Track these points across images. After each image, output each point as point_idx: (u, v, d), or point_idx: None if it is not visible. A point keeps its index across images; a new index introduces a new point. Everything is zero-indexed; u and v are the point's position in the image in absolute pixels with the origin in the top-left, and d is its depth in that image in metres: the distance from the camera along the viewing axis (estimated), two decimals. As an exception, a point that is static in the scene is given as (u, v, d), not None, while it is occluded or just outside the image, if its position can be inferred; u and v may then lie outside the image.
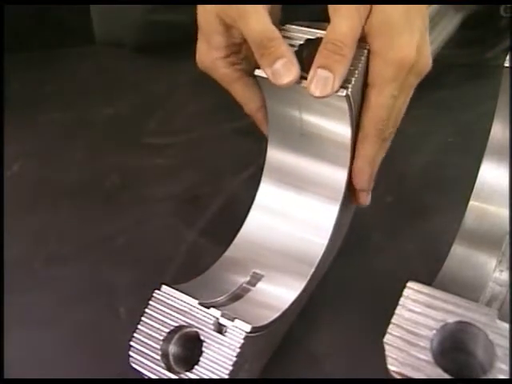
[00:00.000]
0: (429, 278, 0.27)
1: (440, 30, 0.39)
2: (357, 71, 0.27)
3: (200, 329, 0.24)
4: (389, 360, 0.20)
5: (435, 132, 0.42)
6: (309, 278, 0.28)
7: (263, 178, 0.31)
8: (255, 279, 0.28)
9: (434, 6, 0.38)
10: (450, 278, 0.27)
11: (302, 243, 0.29)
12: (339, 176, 0.29)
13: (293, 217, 0.30)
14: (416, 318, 0.21)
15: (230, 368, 0.23)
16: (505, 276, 0.26)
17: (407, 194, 0.39)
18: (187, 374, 0.24)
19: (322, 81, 0.25)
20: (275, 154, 0.31)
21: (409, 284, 0.22)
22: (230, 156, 0.42)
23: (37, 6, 0.53)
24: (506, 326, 0.20)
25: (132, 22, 0.54)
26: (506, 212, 0.28)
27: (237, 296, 0.27)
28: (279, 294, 0.27)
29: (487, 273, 0.27)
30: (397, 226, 0.37)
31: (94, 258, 0.36)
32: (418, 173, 0.40)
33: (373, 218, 0.37)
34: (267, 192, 0.31)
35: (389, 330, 0.21)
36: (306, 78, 0.26)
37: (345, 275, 0.33)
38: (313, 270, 0.28)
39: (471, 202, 0.29)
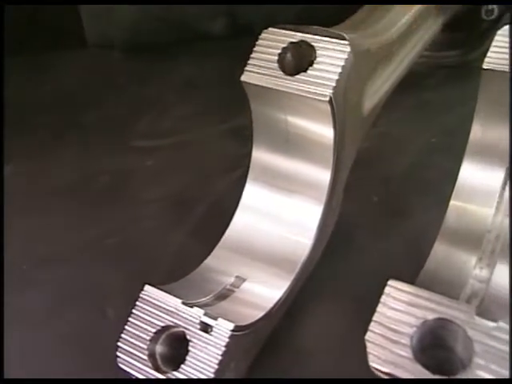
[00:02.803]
0: (413, 276, 0.27)
1: (422, 33, 0.39)
2: (339, 71, 0.27)
3: (186, 328, 0.24)
4: (370, 357, 0.20)
5: (419, 133, 0.43)
6: (294, 277, 0.28)
7: (248, 180, 0.31)
8: (240, 280, 0.28)
9: (416, 9, 0.38)
10: (431, 275, 0.27)
11: (287, 243, 0.30)
12: (323, 177, 0.30)
13: (278, 217, 0.30)
14: (397, 316, 0.21)
15: (216, 367, 0.24)
16: (485, 273, 0.27)
17: (392, 194, 0.39)
18: (174, 373, 0.24)
19: None
20: (260, 156, 0.31)
21: (390, 282, 0.22)
22: (218, 158, 0.42)
23: (28, 9, 0.53)
24: (485, 322, 0.20)
25: (121, 22, 0.54)
26: (486, 211, 0.28)
27: (222, 296, 0.27)
28: (264, 293, 0.28)
29: (468, 270, 0.27)
30: (381, 225, 0.37)
31: (83, 260, 0.36)
32: (402, 173, 0.40)
33: (358, 217, 0.37)
34: (252, 193, 0.31)
35: (370, 328, 0.21)
36: None
37: (330, 274, 0.33)
38: (298, 269, 0.29)
39: (452, 202, 0.29)
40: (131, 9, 0.53)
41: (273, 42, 0.29)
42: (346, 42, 0.27)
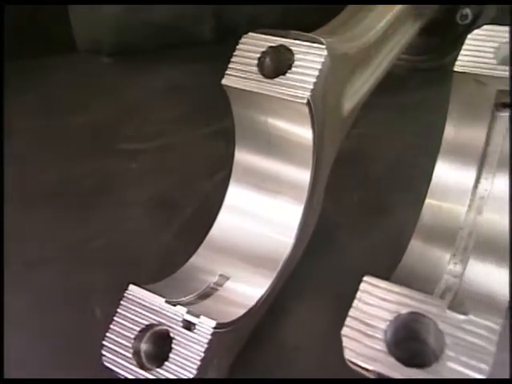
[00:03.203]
0: (392, 272, 0.28)
1: (399, 37, 0.40)
2: (316, 74, 0.27)
3: (169, 326, 0.25)
4: (346, 351, 0.21)
5: (398, 133, 0.43)
6: (275, 275, 0.28)
7: (231, 181, 0.32)
8: (223, 278, 0.29)
9: (393, 14, 0.39)
10: (408, 271, 0.27)
11: (270, 242, 0.30)
12: (304, 177, 0.30)
13: (260, 217, 0.31)
14: (371, 311, 0.21)
15: (199, 363, 0.24)
16: (458, 268, 0.27)
17: (372, 192, 0.39)
18: (158, 370, 0.24)
19: None
20: (243, 157, 0.31)
21: (365, 278, 0.22)
22: (203, 160, 0.42)
23: (19, 15, 0.53)
24: (456, 315, 0.21)
25: (109, 27, 0.54)
26: (460, 208, 0.29)
27: (205, 295, 0.27)
28: (246, 292, 0.28)
29: (442, 265, 0.27)
30: (362, 223, 0.37)
31: (70, 261, 0.36)
32: (382, 172, 0.41)
33: (339, 216, 0.37)
34: (235, 194, 0.31)
35: (346, 323, 0.21)
36: None
37: (312, 272, 0.33)
38: (279, 267, 0.29)
39: (427, 200, 0.29)
40: (119, 13, 0.53)
41: (252, 46, 0.29)
42: (323, 46, 0.28)
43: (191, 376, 0.24)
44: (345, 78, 0.33)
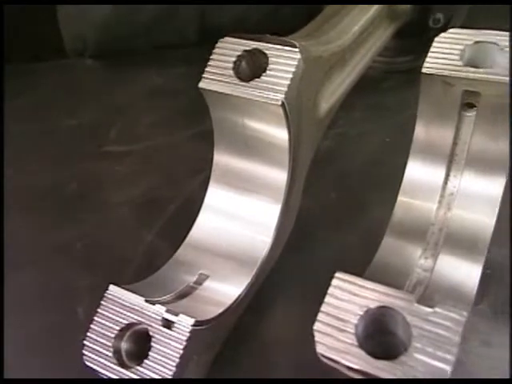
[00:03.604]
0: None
1: (374, 40, 0.40)
2: (290, 76, 0.27)
3: (149, 325, 0.24)
4: (318, 346, 0.21)
5: (374, 132, 0.43)
6: (254, 273, 0.28)
7: (211, 182, 0.32)
8: (202, 278, 0.29)
9: (369, 18, 0.39)
10: (381, 266, 0.27)
11: (248, 242, 0.30)
12: (280, 177, 0.30)
13: (239, 217, 0.31)
14: (343, 306, 0.21)
15: (178, 360, 0.24)
16: (429, 263, 0.27)
17: (349, 190, 0.40)
18: (138, 368, 0.24)
19: None
20: (221, 159, 0.31)
21: (337, 274, 0.22)
22: (186, 161, 0.42)
23: (8, 20, 0.52)
24: (423, 308, 0.21)
25: (94, 29, 0.54)
26: (430, 205, 0.29)
27: (184, 294, 0.27)
28: (225, 290, 0.28)
29: (413, 260, 0.27)
30: (340, 220, 0.37)
31: (56, 262, 0.36)
32: (359, 170, 0.41)
33: (317, 214, 0.38)
34: (215, 194, 0.31)
35: (318, 318, 0.21)
36: None
37: (291, 268, 0.33)
38: (258, 266, 0.29)
39: (399, 198, 0.30)
40: (105, 14, 0.52)
41: (228, 50, 0.29)
42: (297, 50, 0.28)
43: (170, 373, 0.24)
44: (320, 80, 0.34)
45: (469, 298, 0.26)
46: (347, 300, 0.21)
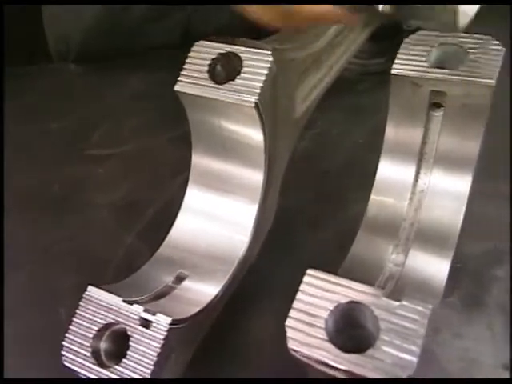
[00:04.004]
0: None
1: (349, 43, 0.40)
2: (263, 79, 0.27)
3: (127, 325, 0.24)
4: (289, 341, 0.21)
5: (350, 133, 0.44)
6: (231, 273, 0.28)
7: (189, 183, 0.32)
8: (181, 278, 0.28)
9: (343, 21, 0.39)
10: (355, 261, 0.28)
11: (226, 241, 0.30)
12: (257, 178, 0.30)
13: (217, 217, 0.31)
14: (313, 302, 0.21)
15: (155, 359, 0.23)
16: (401, 257, 0.28)
17: (327, 190, 0.40)
18: (116, 367, 0.24)
19: None
20: (199, 160, 0.31)
21: (308, 271, 0.22)
22: (167, 163, 0.42)
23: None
24: (390, 302, 0.21)
25: (78, 33, 0.54)
26: (401, 203, 0.29)
27: (162, 294, 0.27)
28: (202, 289, 0.28)
29: (385, 255, 0.28)
30: (318, 219, 0.38)
31: (38, 264, 0.35)
32: (336, 170, 0.41)
33: (296, 212, 0.38)
34: (193, 195, 0.31)
35: (290, 314, 0.21)
36: None
37: (269, 267, 0.33)
38: (235, 265, 0.29)
39: (372, 196, 0.30)
40: (89, 18, 0.52)
41: (204, 53, 0.29)
42: (269, 53, 0.28)
43: (148, 371, 0.23)
44: (295, 81, 0.34)
45: (438, 291, 0.26)
46: (318, 296, 0.21)
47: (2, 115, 0.44)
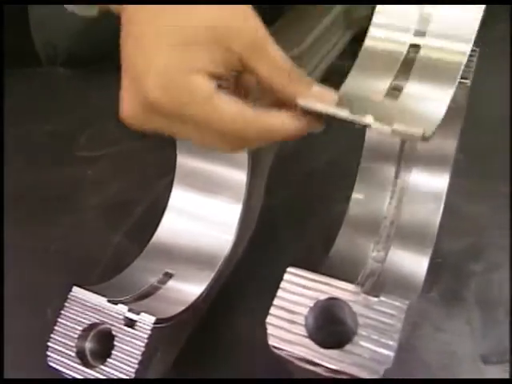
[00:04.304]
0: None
1: (331, 45, 0.40)
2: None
3: (111, 324, 0.24)
4: (270, 338, 0.21)
5: (336, 134, 0.43)
6: (216, 272, 0.28)
7: (175, 184, 0.31)
8: (166, 277, 0.28)
9: (324, 24, 0.39)
10: (337, 259, 0.28)
11: (211, 240, 0.30)
12: (240, 178, 0.30)
13: (202, 217, 0.31)
14: (293, 299, 0.21)
15: (140, 358, 0.23)
16: (382, 254, 0.28)
17: (312, 189, 0.40)
18: (101, 367, 0.24)
19: None
20: (184, 161, 0.31)
21: (288, 269, 0.22)
22: (153, 165, 0.41)
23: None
24: (368, 298, 0.21)
25: (65, 36, 0.53)
26: (381, 202, 0.29)
27: (147, 293, 0.27)
28: (187, 289, 0.28)
29: (366, 252, 0.28)
30: (303, 216, 0.38)
31: (28, 265, 0.35)
32: (321, 170, 0.41)
33: (280, 210, 0.38)
34: (179, 196, 0.31)
35: (270, 312, 0.21)
36: None
37: (256, 264, 0.33)
38: (220, 264, 0.29)
39: (353, 195, 0.30)
40: (75, 22, 0.52)
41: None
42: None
43: (133, 370, 0.23)
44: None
45: (417, 287, 0.26)
46: (298, 293, 0.21)
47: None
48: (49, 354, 0.24)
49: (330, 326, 0.22)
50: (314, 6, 0.40)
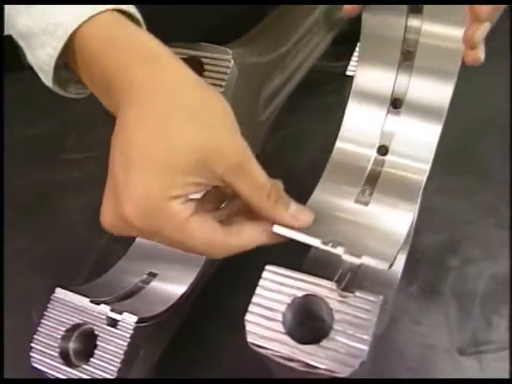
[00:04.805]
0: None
1: (313, 46, 0.41)
2: (224, 83, 0.27)
3: (94, 324, 0.24)
4: (248, 335, 0.21)
5: (319, 132, 0.44)
6: (199, 271, 0.28)
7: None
8: (150, 277, 0.28)
9: (307, 25, 0.39)
10: (316, 256, 0.28)
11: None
12: None
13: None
14: (271, 296, 0.21)
15: (122, 357, 0.23)
16: None
17: (297, 184, 0.40)
18: (84, 366, 0.24)
19: None
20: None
21: (267, 267, 0.22)
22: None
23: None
24: (344, 293, 0.21)
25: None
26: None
27: (131, 293, 0.27)
28: (170, 288, 0.28)
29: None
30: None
31: (14, 267, 0.35)
32: (305, 168, 0.41)
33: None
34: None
35: (249, 309, 0.21)
36: None
37: (239, 263, 0.33)
38: (202, 264, 0.29)
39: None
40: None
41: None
42: (230, 57, 0.28)
43: (115, 369, 0.23)
44: (258, 84, 0.34)
45: (394, 283, 0.26)
46: (276, 290, 0.22)
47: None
48: (32, 354, 0.24)
49: (308, 322, 0.22)
50: (299, 6, 0.40)
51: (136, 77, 0.21)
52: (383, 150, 0.25)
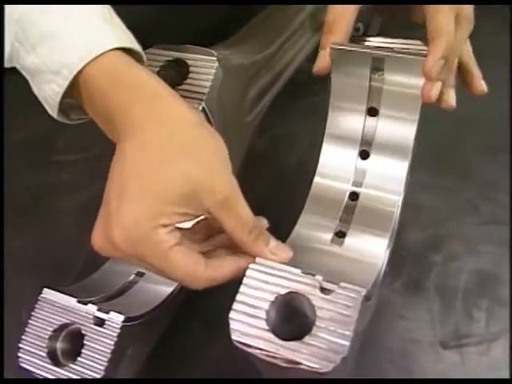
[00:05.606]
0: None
1: (299, 48, 0.40)
2: (209, 84, 0.27)
3: (81, 324, 0.24)
4: (233, 332, 0.21)
5: (306, 132, 0.44)
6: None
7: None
8: (137, 278, 0.28)
9: (293, 27, 0.39)
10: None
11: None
12: None
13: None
14: (255, 294, 0.21)
15: (109, 356, 0.23)
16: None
17: (284, 185, 0.40)
18: (71, 365, 0.23)
19: None
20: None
21: (251, 265, 0.22)
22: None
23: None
24: (326, 290, 0.21)
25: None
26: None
27: (118, 293, 0.27)
28: (157, 289, 0.27)
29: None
30: (278, 214, 0.37)
31: (4, 268, 0.34)
32: (292, 169, 0.41)
33: (254, 209, 0.38)
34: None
35: (233, 307, 0.21)
36: None
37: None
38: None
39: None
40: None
41: (153, 60, 0.28)
42: (215, 59, 0.28)
43: (102, 368, 0.23)
44: (244, 85, 0.34)
45: (377, 278, 0.26)
46: (260, 288, 0.21)
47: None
48: (20, 355, 0.24)
49: (292, 318, 0.22)
50: (286, 8, 0.40)
51: (138, 112, 0.22)
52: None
